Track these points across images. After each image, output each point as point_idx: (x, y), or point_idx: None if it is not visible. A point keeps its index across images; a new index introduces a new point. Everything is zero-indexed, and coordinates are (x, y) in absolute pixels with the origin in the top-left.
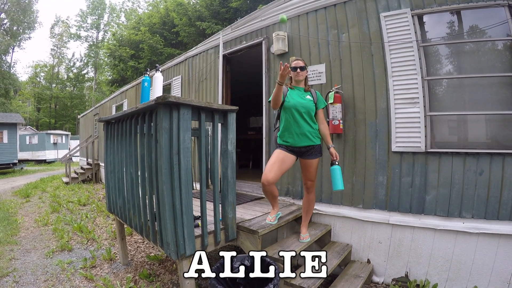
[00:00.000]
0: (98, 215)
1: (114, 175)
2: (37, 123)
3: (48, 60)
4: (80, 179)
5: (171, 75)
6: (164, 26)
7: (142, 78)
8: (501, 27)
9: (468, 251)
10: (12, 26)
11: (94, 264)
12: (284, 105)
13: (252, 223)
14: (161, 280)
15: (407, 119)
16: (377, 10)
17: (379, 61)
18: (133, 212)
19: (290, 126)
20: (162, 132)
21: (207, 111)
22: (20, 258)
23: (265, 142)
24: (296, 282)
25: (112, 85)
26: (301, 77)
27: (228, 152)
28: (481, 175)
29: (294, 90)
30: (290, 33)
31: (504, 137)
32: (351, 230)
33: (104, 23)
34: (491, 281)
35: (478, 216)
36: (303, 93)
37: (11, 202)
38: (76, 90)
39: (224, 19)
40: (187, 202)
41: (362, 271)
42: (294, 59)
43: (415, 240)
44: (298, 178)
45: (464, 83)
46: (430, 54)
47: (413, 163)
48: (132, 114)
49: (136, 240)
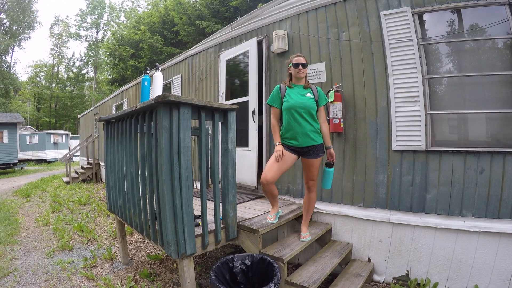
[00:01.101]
0: (98, 215)
1: (115, 174)
2: (37, 123)
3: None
4: (80, 178)
5: (171, 74)
6: (164, 25)
7: (142, 77)
8: (502, 25)
9: (469, 249)
10: (12, 26)
11: (94, 263)
12: (284, 105)
13: (252, 222)
14: (161, 280)
15: (408, 117)
16: (377, 8)
17: (380, 60)
18: (134, 211)
19: (291, 126)
20: (162, 131)
21: (207, 110)
22: (20, 258)
23: (265, 141)
24: (297, 281)
25: (112, 85)
26: (302, 74)
27: (228, 151)
28: (482, 173)
29: (293, 89)
30: (290, 31)
31: (505, 136)
32: (351, 229)
33: (103, 22)
34: (492, 280)
35: (479, 214)
36: (302, 90)
37: (12, 202)
38: (76, 89)
39: (224, 18)
40: (188, 201)
41: (363, 270)
42: (295, 56)
43: (415, 239)
44: (298, 177)
45: (464, 82)
46: (430, 52)
47: (414, 161)
48: (132, 113)
49: (137, 240)
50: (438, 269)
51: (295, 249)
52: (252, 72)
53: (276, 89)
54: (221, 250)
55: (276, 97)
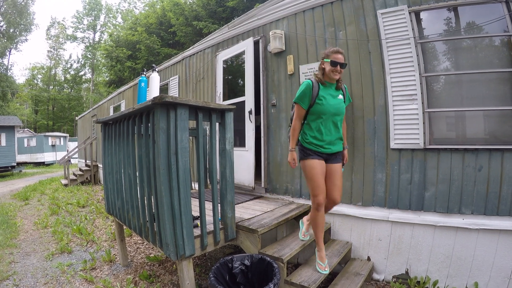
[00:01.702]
0: (97, 217)
1: (113, 176)
2: (35, 125)
3: (45, 62)
4: (78, 180)
5: (168, 75)
6: (161, 26)
7: (139, 79)
8: (498, 23)
9: (468, 247)
10: (9, 28)
11: (94, 266)
12: (316, 108)
13: (251, 222)
14: (161, 281)
15: (406, 115)
16: (374, 7)
17: (377, 58)
18: (132, 213)
19: (322, 133)
20: (159, 132)
21: (205, 111)
22: (19, 261)
23: (263, 141)
24: (296, 280)
25: (110, 86)
26: (338, 75)
27: (226, 151)
28: (480, 171)
29: (327, 89)
30: (287, 31)
31: (503, 133)
32: (350, 228)
33: (100, 24)
34: (492, 277)
35: (478, 212)
36: (335, 91)
37: (10, 205)
38: (73, 91)
39: (221, 19)
40: (186, 202)
41: (363, 269)
42: (334, 51)
43: (415, 237)
44: (297, 177)
45: (462, 80)
46: (427, 50)
47: (412, 159)
48: (130, 115)
49: (136, 241)
50: (437, 267)
51: (294, 248)
52: (248, 72)
53: (308, 86)
54: (220, 251)
55: (307, 96)
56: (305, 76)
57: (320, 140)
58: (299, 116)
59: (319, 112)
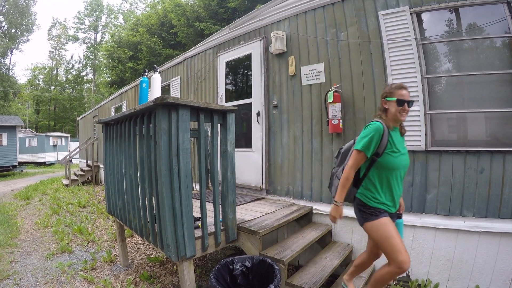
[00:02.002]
0: (98, 217)
1: (114, 177)
2: (36, 125)
3: (47, 62)
4: (80, 181)
5: (169, 76)
6: (162, 27)
7: (140, 79)
8: (500, 24)
9: (470, 250)
10: (11, 29)
11: (94, 266)
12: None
13: (252, 224)
14: (161, 282)
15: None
16: (376, 8)
17: (378, 60)
18: (133, 214)
19: (392, 188)
20: (161, 133)
21: (206, 112)
22: (20, 260)
23: (264, 142)
24: (297, 282)
25: (111, 87)
26: (405, 116)
27: (227, 152)
28: (482, 173)
29: (396, 135)
30: (289, 32)
31: (504, 135)
32: (351, 230)
33: (102, 24)
34: (493, 280)
35: (479, 214)
36: (402, 139)
37: (11, 204)
38: (75, 92)
39: (222, 19)
40: (187, 203)
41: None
42: (398, 86)
43: (416, 239)
44: (298, 178)
45: (463, 81)
46: (429, 52)
47: (414, 162)
48: (131, 116)
49: (137, 242)
50: (438, 270)
51: (295, 250)
52: (255, 74)
53: (378, 131)
54: (221, 252)
55: (375, 142)
56: (306, 78)
57: (391, 200)
58: (357, 162)
59: (391, 165)
